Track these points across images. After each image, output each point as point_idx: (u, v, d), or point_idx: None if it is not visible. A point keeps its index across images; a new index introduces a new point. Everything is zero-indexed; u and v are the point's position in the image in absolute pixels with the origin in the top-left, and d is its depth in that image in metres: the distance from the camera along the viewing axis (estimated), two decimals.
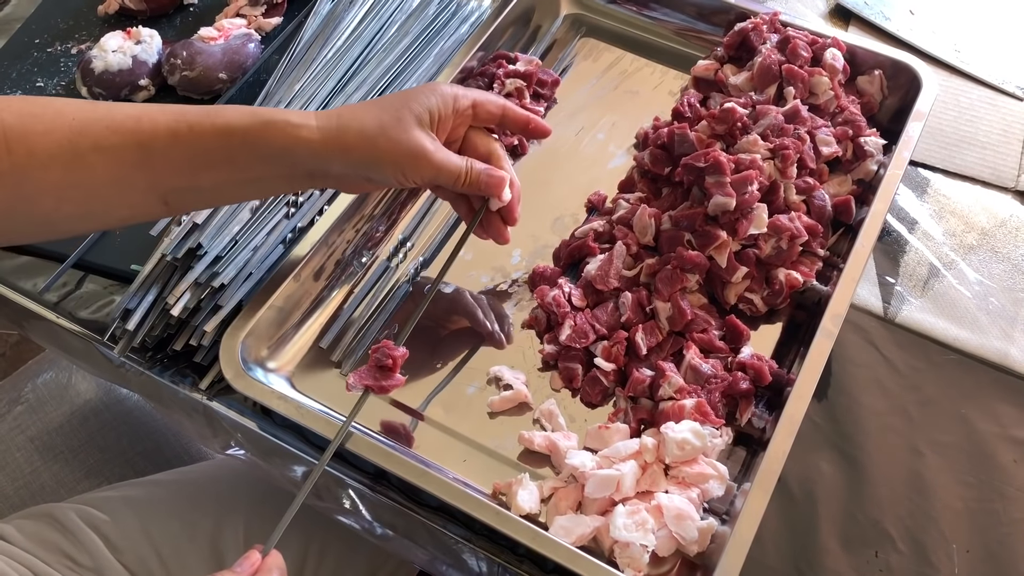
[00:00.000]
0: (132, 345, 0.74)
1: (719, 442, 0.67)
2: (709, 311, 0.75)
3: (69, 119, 0.59)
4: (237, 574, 0.57)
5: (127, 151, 0.59)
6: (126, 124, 0.59)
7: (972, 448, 0.71)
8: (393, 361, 0.68)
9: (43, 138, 0.58)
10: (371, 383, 0.68)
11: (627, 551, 0.62)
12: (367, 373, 0.68)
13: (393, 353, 0.68)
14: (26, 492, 0.99)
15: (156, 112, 0.60)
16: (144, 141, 0.60)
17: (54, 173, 0.58)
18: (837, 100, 0.84)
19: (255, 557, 0.59)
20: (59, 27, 1.02)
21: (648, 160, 0.81)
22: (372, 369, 0.68)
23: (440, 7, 0.96)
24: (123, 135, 0.59)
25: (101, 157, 0.59)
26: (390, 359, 0.68)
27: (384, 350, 0.68)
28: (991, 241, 0.83)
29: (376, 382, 0.68)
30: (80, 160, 0.58)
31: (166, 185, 0.62)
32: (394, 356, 0.68)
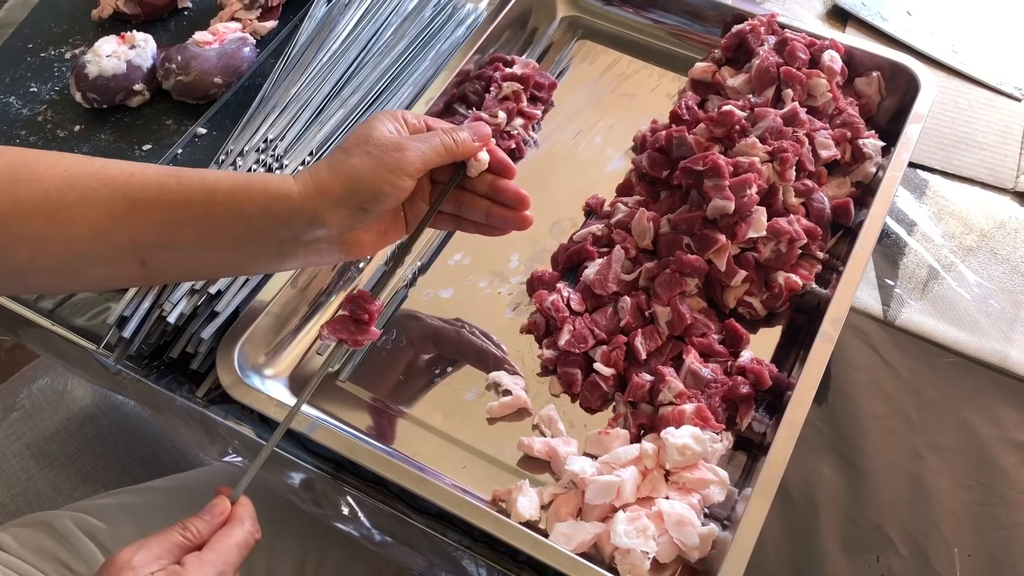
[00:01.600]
0: (128, 353, 0.74)
1: (719, 447, 0.67)
2: (708, 315, 0.75)
3: (61, 170, 0.57)
4: (206, 521, 0.56)
5: (113, 202, 0.58)
6: (117, 178, 0.58)
7: (973, 451, 0.71)
8: (369, 315, 0.65)
9: (30, 187, 0.56)
10: (345, 336, 0.65)
11: (628, 558, 0.61)
12: (341, 325, 0.65)
13: (370, 306, 0.65)
14: (22, 499, 0.98)
15: (150, 169, 0.59)
16: (132, 193, 0.58)
17: (35, 223, 0.57)
18: (835, 102, 0.84)
19: (224, 505, 0.58)
20: (53, 32, 1.02)
21: (646, 163, 0.81)
22: (347, 321, 0.65)
23: (436, 10, 0.96)
24: (112, 187, 0.58)
25: (85, 209, 0.57)
26: (366, 313, 0.65)
27: (360, 302, 0.65)
28: (990, 243, 0.83)
29: (351, 335, 0.65)
30: (64, 210, 0.57)
31: (146, 241, 0.59)
32: (371, 310, 0.65)
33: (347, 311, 0.65)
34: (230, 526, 0.57)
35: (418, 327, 0.78)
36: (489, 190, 0.66)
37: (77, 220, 0.57)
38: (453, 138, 0.63)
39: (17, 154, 0.57)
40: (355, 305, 0.65)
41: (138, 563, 0.53)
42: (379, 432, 0.71)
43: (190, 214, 0.59)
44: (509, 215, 0.67)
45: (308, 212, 0.59)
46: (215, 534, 0.56)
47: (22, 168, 0.57)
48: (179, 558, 0.55)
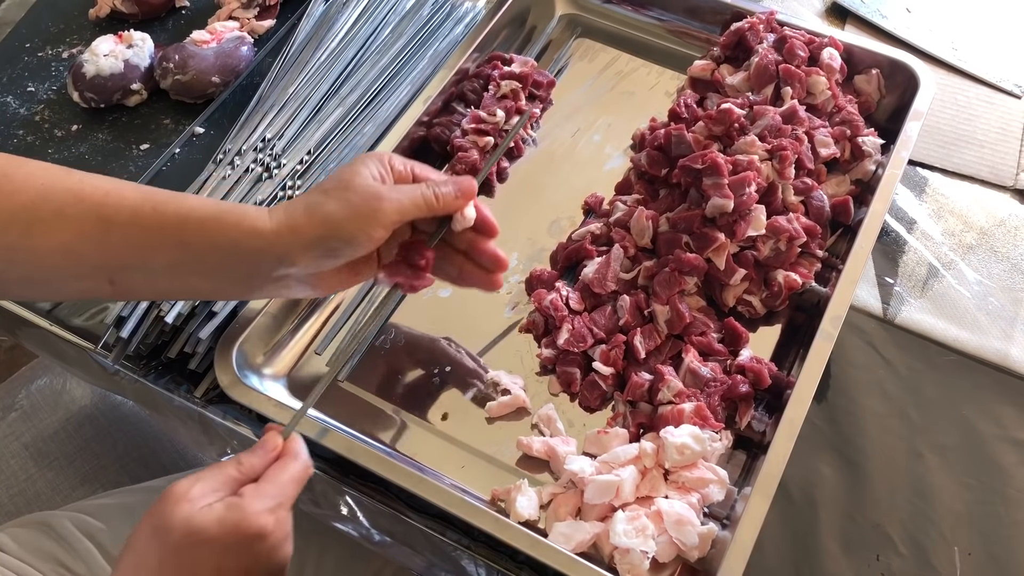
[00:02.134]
0: (126, 353, 0.74)
1: (719, 446, 0.67)
2: (708, 314, 0.75)
3: (38, 182, 0.57)
4: (259, 456, 0.55)
5: (86, 222, 0.58)
6: (93, 196, 0.58)
7: (973, 449, 0.71)
8: (425, 261, 0.63)
9: (7, 199, 0.56)
10: (402, 279, 0.64)
11: (627, 557, 0.61)
12: (397, 269, 0.64)
13: (425, 252, 0.63)
14: (21, 499, 0.98)
15: (127, 189, 0.59)
16: (106, 215, 0.58)
17: (10, 235, 0.57)
18: (835, 100, 0.84)
19: (276, 441, 0.56)
20: (50, 31, 1.02)
21: (645, 162, 0.81)
22: (402, 265, 0.64)
23: (434, 8, 0.96)
24: (87, 205, 0.58)
25: (59, 224, 0.57)
26: (422, 258, 0.63)
27: (415, 247, 0.63)
28: (990, 240, 0.83)
29: (407, 279, 0.64)
30: (38, 224, 0.57)
31: (117, 263, 0.59)
32: (427, 255, 0.63)
33: (401, 257, 0.64)
34: (285, 459, 0.56)
35: (416, 326, 0.77)
36: (468, 247, 0.65)
37: (50, 235, 0.57)
38: (435, 192, 0.61)
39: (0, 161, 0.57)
40: (410, 251, 0.63)
41: (196, 495, 0.52)
42: (378, 432, 0.71)
43: (162, 241, 0.59)
44: (481, 276, 0.66)
45: (278, 251, 0.58)
46: (270, 467, 0.55)
47: (1, 179, 0.56)
48: (235, 491, 0.53)
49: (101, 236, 0.58)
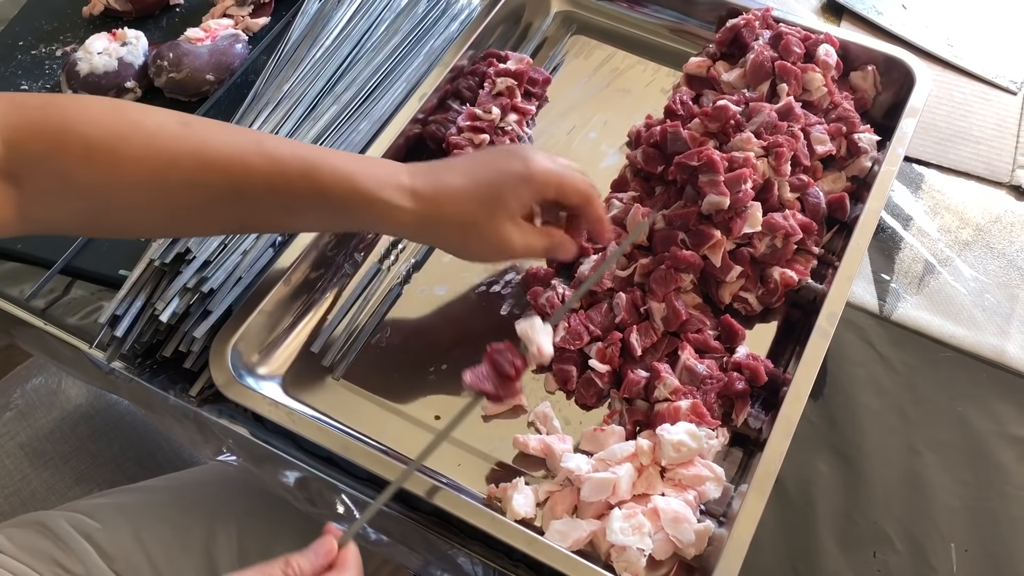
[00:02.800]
0: (121, 352, 0.73)
1: (715, 443, 0.67)
2: (704, 311, 0.75)
3: (160, 148, 0.58)
4: (310, 560, 0.55)
5: (219, 189, 0.59)
6: (219, 163, 0.59)
7: (969, 446, 0.71)
8: (516, 370, 0.62)
9: (132, 165, 0.57)
10: (488, 389, 0.62)
11: (624, 555, 0.61)
12: (485, 376, 0.62)
13: (516, 362, 0.62)
14: (16, 499, 0.98)
15: (251, 156, 0.59)
16: (238, 185, 0.60)
17: (138, 197, 0.59)
18: (830, 96, 0.83)
19: (330, 546, 0.56)
20: (43, 29, 1.01)
21: (641, 159, 0.81)
22: (492, 374, 0.63)
23: (429, 5, 0.96)
24: (216, 174, 0.59)
25: (189, 190, 0.59)
26: (513, 368, 0.62)
27: (508, 356, 0.62)
28: (986, 237, 0.82)
29: (494, 389, 0.62)
30: (167, 190, 0.59)
31: (251, 219, 0.64)
32: (517, 364, 0.62)
33: (491, 362, 0.63)
34: (336, 571, 0.55)
35: (413, 324, 0.77)
36: None
37: (181, 199, 0.59)
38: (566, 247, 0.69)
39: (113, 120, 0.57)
40: (501, 357, 0.63)
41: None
42: (374, 430, 0.71)
43: (297, 211, 0.63)
44: None
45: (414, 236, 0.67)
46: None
47: (119, 140, 0.57)
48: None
49: (234, 201, 0.61)
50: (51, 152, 0.56)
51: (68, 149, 0.56)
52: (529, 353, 0.64)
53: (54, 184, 0.57)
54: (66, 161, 0.56)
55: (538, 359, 0.64)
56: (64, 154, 0.56)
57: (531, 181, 0.64)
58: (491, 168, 0.65)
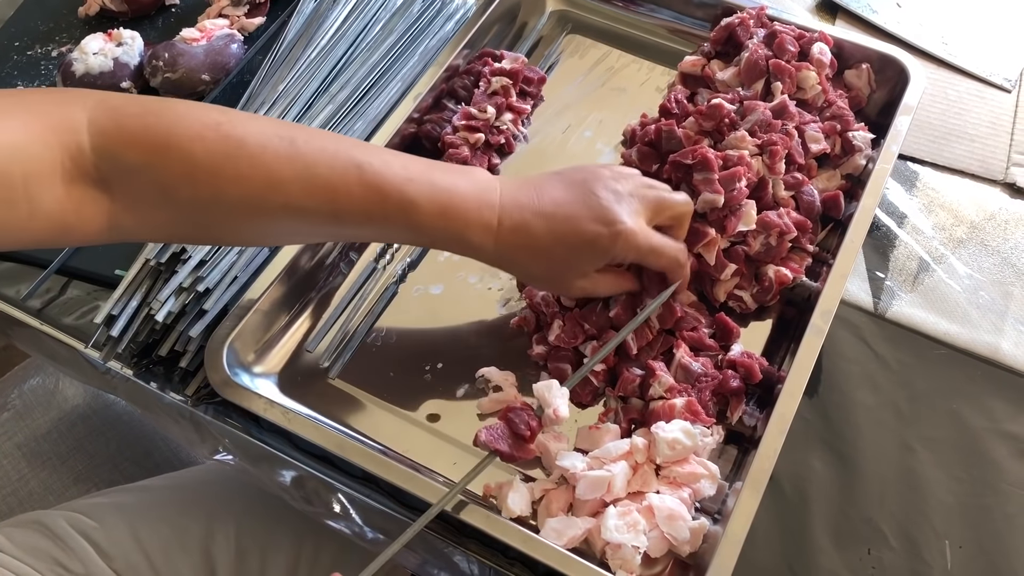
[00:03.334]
0: (117, 351, 0.74)
1: (710, 441, 0.67)
2: (699, 309, 0.75)
3: (264, 171, 0.57)
4: None
5: (319, 216, 0.60)
6: (322, 191, 0.59)
7: (964, 443, 0.71)
8: (531, 432, 0.66)
9: (233, 185, 0.57)
10: (502, 448, 0.65)
11: (619, 552, 0.61)
12: (500, 435, 0.65)
13: (532, 423, 0.65)
14: (14, 499, 0.98)
15: (353, 184, 0.59)
16: (338, 213, 0.60)
17: (237, 216, 0.59)
18: (825, 95, 0.84)
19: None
20: (39, 29, 1.01)
21: (636, 157, 0.81)
22: (506, 433, 0.65)
23: (424, 5, 0.96)
24: (318, 200, 0.59)
25: (290, 213, 0.59)
26: (528, 429, 0.65)
27: (524, 416, 0.66)
28: (980, 234, 0.83)
29: (508, 449, 0.65)
30: (268, 213, 0.59)
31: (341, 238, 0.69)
32: (533, 427, 0.66)
33: (506, 421, 0.66)
34: None
35: (408, 324, 0.77)
36: None
37: (280, 221, 0.60)
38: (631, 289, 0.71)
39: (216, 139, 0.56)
40: (516, 417, 0.65)
41: None
42: (370, 429, 0.71)
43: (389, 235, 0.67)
44: None
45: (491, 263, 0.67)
46: None
47: (222, 159, 0.56)
48: None
49: (333, 225, 0.62)
50: (149, 164, 0.56)
51: (168, 163, 0.56)
52: (545, 415, 0.66)
53: (150, 195, 0.57)
54: (166, 175, 0.56)
55: (554, 421, 0.66)
56: (164, 168, 0.56)
57: (613, 253, 0.65)
58: (576, 226, 0.64)
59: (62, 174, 0.54)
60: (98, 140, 0.55)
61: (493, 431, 0.65)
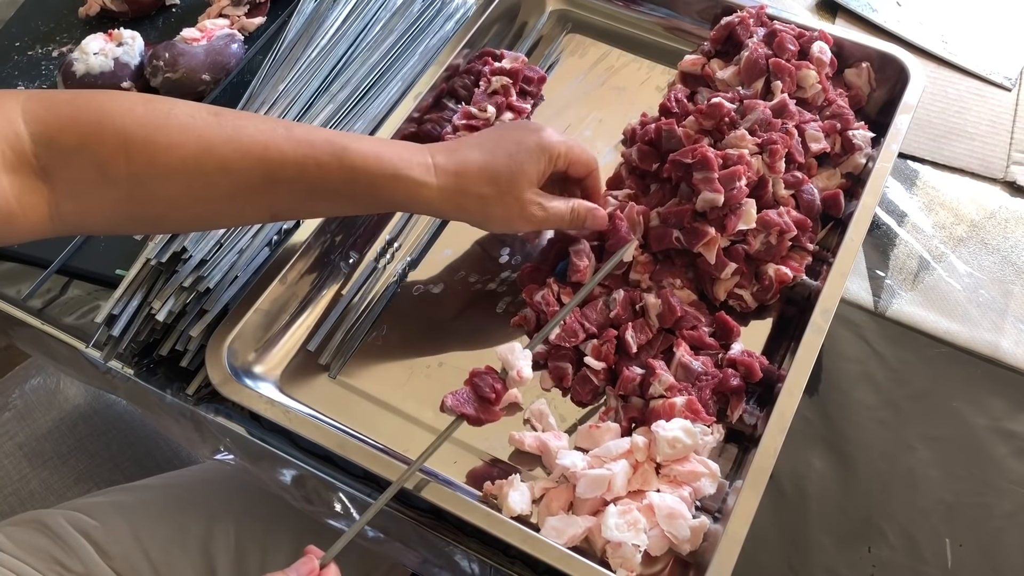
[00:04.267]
0: (118, 351, 0.74)
1: (710, 440, 0.67)
2: (699, 308, 0.75)
3: (194, 135, 0.59)
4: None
5: (252, 175, 0.61)
6: (254, 150, 0.60)
7: (964, 441, 0.71)
8: (496, 395, 0.67)
9: (166, 152, 0.58)
10: (469, 412, 0.67)
11: (619, 551, 0.61)
12: (466, 399, 0.67)
13: (496, 386, 0.67)
14: (15, 499, 0.98)
15: (282, 141, 0.61)
16: (271, 170, 0.61)
17: (174, 186, 0.59)
18: (825, 93, 0.84)
19: (311, 566, 0.57)
20: (40, 30, 1.01)
21: (636, 156, 0.81)
22: (472, 397, 0.68)
23: (425, 4, 0.96)
24: (250, 160, 0.60)
25: (225, 177, 0.60)
26: (493, 392, 0.67)
27: (488, 379, 0.68)
28: (980, 233, 0.83)
29: (475, 412, 0.67)
30: (203, 177, 0.59)
31: (281, 206, 0.65)
32: (497, 389, 0.67)
33: (471, 386, 0.68)
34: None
35: (409, 323, 0.78)
36: None
37: (217, 186, 0.60)
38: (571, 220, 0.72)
39: (146, 111, 0.58)
40: (481, 381, 0.67)
41: None
42: (370, 428, 0.71)
43: (328, 194, 0.65)
44: None
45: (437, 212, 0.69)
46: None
47: (154, 129, 0.58)
48: None
49: (268, 187, 0.62)
50: (85, 144, 0.57)
51: (103, 140, 0.57)
52: (509, 377, 0.68)
53: (89, 175, 0.57)
54: (101, 152, 0.57)
55: (517, 383, 0.68)
56: (99, 144, 0.57)
57: (545, 150, 0.69)
58: (507, 140, 0.69)
59: (3, 164, 0.55)
60: (35, 127, 0.56)
61: (459, 395, 0.67)
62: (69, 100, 0.58)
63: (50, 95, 0.58)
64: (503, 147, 0.68)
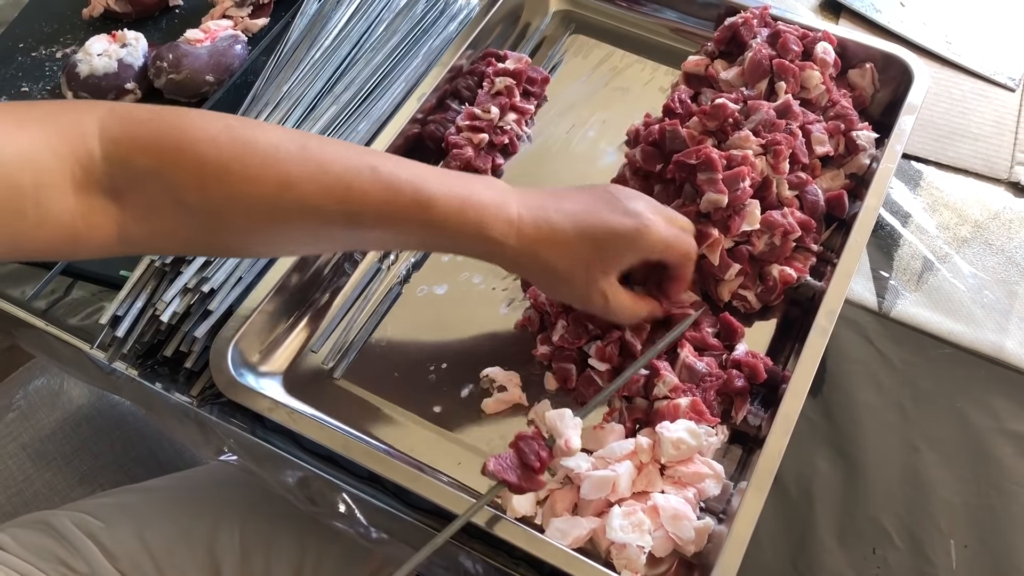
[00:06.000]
0: (122, 352, 0.74)
1: (714, 441, 0.67)
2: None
3: (275, 170, 0.56)
4: None
5: (333, 216, 0.59)
6: (335, 190, 0.58)
7: (968, 443, 0.71)
8: (541, 463, 0.63)
9: (245, 185, 0.56)
10: (511, 479, 0.62)
11: (624, 552, 0.61)
12: (510, 465, 0.63)
13: (542, 454, 0.63)
14: (19, 500, 0.98)
15: (367, 182, 0.58)
16: (352, 212, 0.59)
17: (250, 218, 0.58)
18: (828, 94, 0.84)
19: None
20: (43, 31, 1.01)
21: (639, 157, 0.81)
22: (515, 463, 0.63)
23: (428, 5, 0.96)
24: (332, 200, 0.58)
25: (304, 214, 0.58)
26: (538, 460, 0.63)
27: (535, 446, 0.63)
28: (985, 233, 0.83)
29: (516, 480, 0.62)
30: (282, 213, 0.58)
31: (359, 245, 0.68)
32: (543, 459, 0.63)
33: (516, 451, 0.64)
34: None
35: (413, 324, 0.78)
36: None
37: (294, 222, 0.59)
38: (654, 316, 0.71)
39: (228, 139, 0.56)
40: (527, 446, 0.63)
41: None
42: (374, 429, 0.71)
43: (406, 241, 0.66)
44: None
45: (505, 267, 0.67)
46: None
47: (233, 161, 0.56)
48: None
49: (348, 228, 0.60)
50: (161, 169, 0.55)
51: (180, 165, 0.55)
52: (556, 446, 0.64)
53: (162, 200, 0.56)
54: (178, 178, 0.55)
55: (565, 453, 0.64)
56: (176, 170, 0.55)
57: (638, 245, 0.65)
58: (600, 218, 0.64)
59: (72, 183, 0.53)
60: (109, 147, 0.54)
61: (502, 460, 0.63)
62: (149, 120, 0.56)
63: (130, 111, 0.56)
64: (594, 224, 0.63)
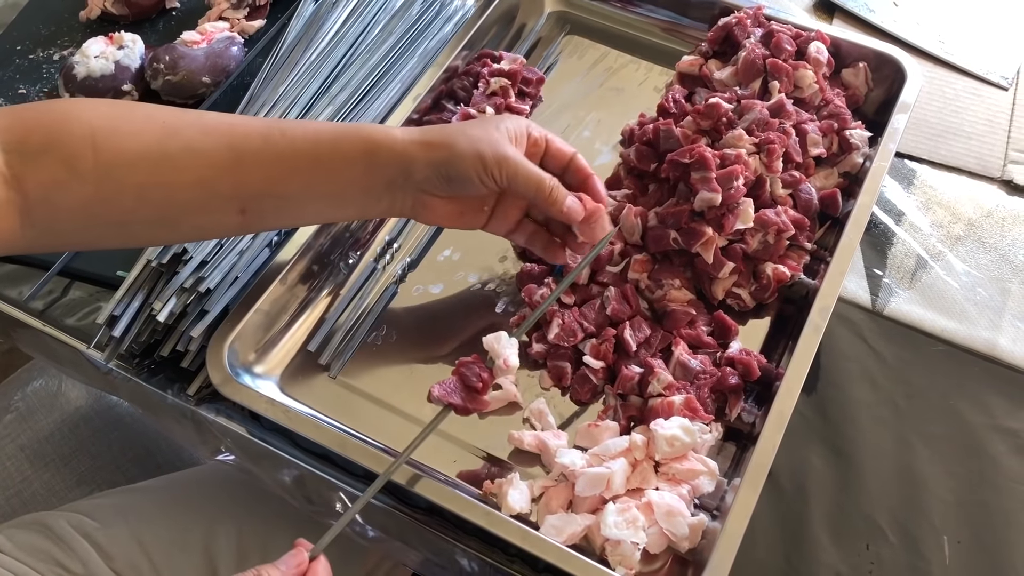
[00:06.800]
0: (119, 352, 0.74)
1: (709, 438, 0.67)
2: (697, 306, 0.75)
3: (160, 122, 0.60)
4: (280, 571, 0.56)
5: (218, 153, 0.60)
6: (219, 127, 0.61)
7: (962, 439, 0.71)
8: (483, 383, 0.67)
9: (132, 138, 0.59)
10: (456, 401, 0.66)
11: (618, 549, 0.62)
12: (453, 388, 0.67)
13: (483, 374, 0.67)
14: (17, 501, 0.98)
15: (248, 119, 0.62)
16: (236, 143, 0.61)
17: (140, 172, 0.59)
18: (822, 93, 0.84)
19: (301, 558, 0.57)
20: (41, 33, 1.02)
21: (634, 157, 0.81)
22: (459, 386, 0.67)
23: (424, 7, 0.96)
24: (216, 137, 0.60)
25: (191, 158, 0.60)
26: (480, 381, 0.67)
27: (475, 368, 0.67)
28: (978, 231, 0.83)
29: (462, 401, 0.67)
30: (169, 160, 0.59)
31: (250, 190, 0.62)
32: (484, 377, 0.67)
33: (458, 375, 0.67)
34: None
35: (408, 322, 0.78)
36: None
37: (183, 169, 0.60)
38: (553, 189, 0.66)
39: (111, 107, 0.60)
40: (468, 370, 0.67)
41: None
42: (370, 428, 0.71)
43: (295, 163, 0.62)
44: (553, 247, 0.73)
45: (405, 160, 0.64)
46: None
47: (119, 120, 0.59)
48: None
49: (234, 166, 0.61)
50: (53, 141, 0.57)
51: (71, 134, 0.58)
52: (496, 366, 0.68)
53: (58, 174, 0.57)
54: (70, 146, 0.57)
55: (504, 371, 0.68)
56: (68, 138, 0.57)
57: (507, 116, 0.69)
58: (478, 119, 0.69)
59: None
60: (3, 136, 0.57)
61: (446, 385, 0.67)
62: (33, 106, 0.60)
63: (13, 108, 0.59)
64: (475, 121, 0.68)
